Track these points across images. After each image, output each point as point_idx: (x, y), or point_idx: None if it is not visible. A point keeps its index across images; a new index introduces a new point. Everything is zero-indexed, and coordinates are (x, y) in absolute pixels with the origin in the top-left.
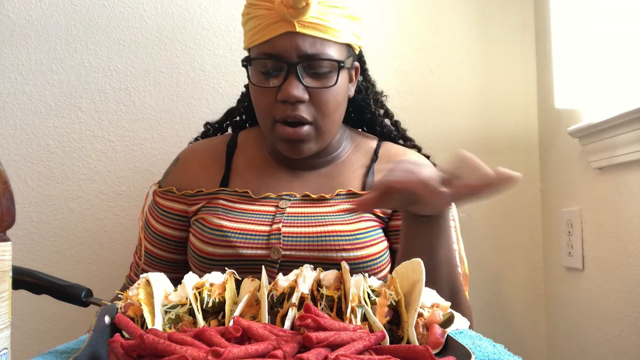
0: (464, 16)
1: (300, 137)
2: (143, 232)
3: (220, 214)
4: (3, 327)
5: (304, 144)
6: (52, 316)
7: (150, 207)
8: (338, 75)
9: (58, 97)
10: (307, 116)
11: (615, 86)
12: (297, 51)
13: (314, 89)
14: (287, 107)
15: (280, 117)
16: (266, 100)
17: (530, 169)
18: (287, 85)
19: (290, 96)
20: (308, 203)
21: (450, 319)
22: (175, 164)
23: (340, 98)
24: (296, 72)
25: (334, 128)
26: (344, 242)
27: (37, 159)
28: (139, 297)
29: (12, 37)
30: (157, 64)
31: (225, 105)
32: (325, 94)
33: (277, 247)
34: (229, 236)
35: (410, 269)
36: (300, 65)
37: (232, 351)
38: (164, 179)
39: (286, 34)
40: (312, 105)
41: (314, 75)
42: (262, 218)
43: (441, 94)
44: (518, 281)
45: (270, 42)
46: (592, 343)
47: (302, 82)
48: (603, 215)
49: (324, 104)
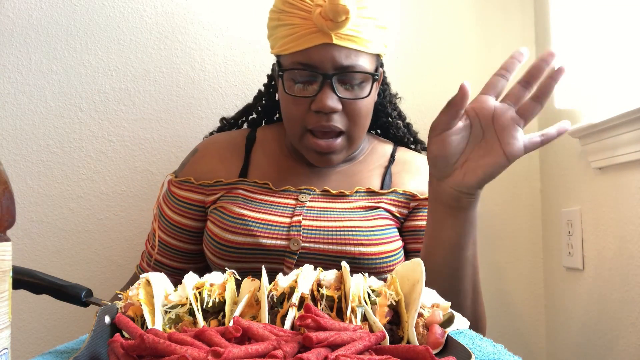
0: (464, 16)
1: (333, 149)
2: (157, 221)
3: (240, 204)
4: (3, 327)
5: (335, 155)
6: (52, 316)
7: (165, 197)
8: (372, 87)
9: (58, 97)
10: (339, 125)
11: (615, 86)
12: (333, 63)
13: (347, 99)
14: (320, 117)
15: (314, 127)
16: (299, 110)
17: (530, 169)
18: (322, 96)
19: (325, 106)
20: (328, 198)
21: (450, 319)
22: (194, 154)
23: (370, 107)
24: (331, 83)
25: (363, 135)
26: (362, 237)
27: (37, 159)
28: (139, 297)
29: (12, 37)
30: (157, 64)
31: (225, 105)
32: (358, 104)
33: (297, 238)
34: (250, 225)
35: (410, 269)
36: (335, 77)
37: (232, 351)
38: (181, 169)
39: (322, 45)
40: (345, 115)
41: (347, 86)
42: (282, 210)
43: (441, 94)
44: (518, 281)
45: (306, 53)
46: (592, 343)
47: (336, 93)
48: (603, 215)
49: (357, 114)
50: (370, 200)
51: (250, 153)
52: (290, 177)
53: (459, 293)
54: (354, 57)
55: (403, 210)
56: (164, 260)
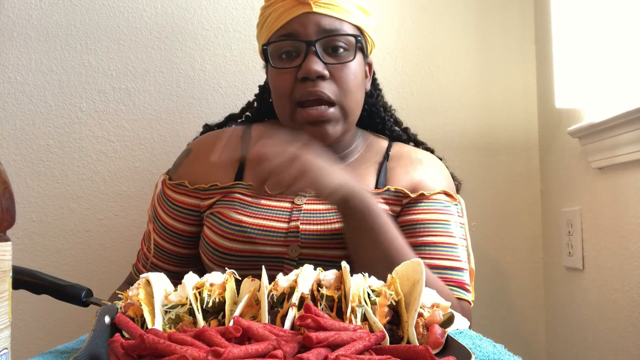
0: (464, 16)
1: (326, 118)
2: (152, 224)
3: (237, 209)
4: (3, 327)
5: (331, 125)
6: (52, 316)
7: (160, 199)
8: (355, 51)
9: (58, 97)
10: (329, 94)
11: (616, 86)
12: (315, 29)
13: (333, 65)
14: (307, 84)
15: (302, 96)
16: (286, 82)
17: (530, 169)
18: (307, 62)
19: (310, 71)
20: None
21: (451, 319)
22: (187, 155)
23: (359, 78)
24: (315, 50)
25: (357, 111)
26: None
27: (37, 159)
28: (139, 297)
29: (12, 37)
30: (157, 64)
31: (225, 105)
32: (345, 70)
33: (296, 245)
34: (248, 232)
35: (410, 269)
36: (319, 43)
37: (232, 351)
38: (175, 170)
39: (303, 14)
40: (333, 82)
41: (333, 54)
42: (279, 214)
43: (441, 94)
44: (518, 281)
45: (288, 25)
46: (592, 343)
47: (321, 58)
48: (603, 215)
49: (345, 80)
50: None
51: (245, 153)
52: None
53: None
54: (336, 23)
55: (396, 208)
56: (160, 264)
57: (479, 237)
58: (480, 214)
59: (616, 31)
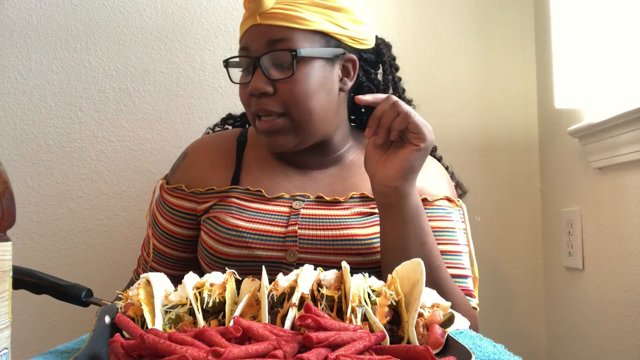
0: (464, 16)
1: (274, 129)
2: (151, 228)
3: (234, 213)
4: (3, 327)
5: (280, 136)
6: (52, 316)
7: (158, 204)
8: (293, 65)
9: (58, 97)
10: (274, 108)
11: (615, 86)
12: (262, 42)
13: (276, 81)
14: (254, 100)
15: (253, 111)
16: (244, 97)
17: (530, 169)
18: (253, 80)
19: (252, 89)
20: (322, 205)
21: (451, 319)
22: (184, 159)
23: (311, 88)
24: (261, 65)
25: (313, 119)
26: (360, 247)
27: (37, 159)
28: (139, 297)
29: (12, 37)
30: (157, 64)
31: (225, 105)
32: (289, 84)
33: (294, 249)
34: (244, 237)
35: (410, 269)
36: (265, 59)
37: (233, 351)
38: (172, 174)
39: (252, 27)
40: (278, 96)
41: (279, 68)
42: (276, 219)
43: (441, 94)
44: (518, 281)
45: (242, 38)
46: (592, 343)
47: (266, 74)
48: (603, 215)
49: (289, 94)
50: (365, 206)
51: (241, 157)
52: (282, 181)
53: None
54: (280, 33)
55: None
56: (160, 268)
57: (479, 237)
58: (480, 213)
59: (616, 31)
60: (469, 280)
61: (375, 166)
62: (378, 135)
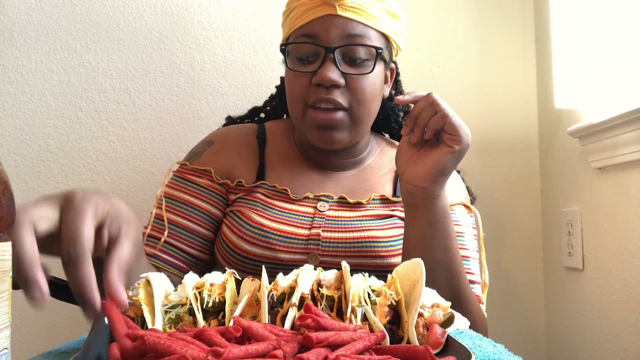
0: (464, 16)
1: (333, 123)
2: (167, 206)
3: (259, 210)
4: (3, 327)
5: (337, 132)
6: (52, 316)
7: (177, 184)
8: (375, 63)
9: (58, 97)
10: (341, 101)
11: (615, 86)
12: (337, 33)
13: (350, 75)
14: (320, 90)
15: (314, 101)
16: (300, 85)
17: (530, 169)
18: (323, 69)
19: (325, 78)
20: (345, 207)
21: (451, 319)
22: (210, 145)
23: (376, 89)
24: (333, 57)
25: (368, 120)
26: (380, 249)
27: (37, 159)
28: (139, 297)
29: (12, 37)
30: (157, 64)
31: (225, 105)
32: (362, 81)
33: (316, 253)
34: (268, 237)
35: (410, 269)
36: (338, 51)
37: (232, 351)
38: (195, 157)
39: (326, 16)
40: (347, 91)
41: (351, 63)
42: (300, 220)
43: (441, 94)
44: (518, 281)
45: (310, 25)
46: (591, 343)
47: (338, 67)
48: (603, 215)
49: (360, 91)
50: (385, 208)
51: (263, 152)
52: (304, 180)
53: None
54: (359, 29)
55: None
56: (176, 243)
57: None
58: (480, 214)
59: (615, 32)
60: (476, 286)
61: (405, 164)
62: (413, 134)
